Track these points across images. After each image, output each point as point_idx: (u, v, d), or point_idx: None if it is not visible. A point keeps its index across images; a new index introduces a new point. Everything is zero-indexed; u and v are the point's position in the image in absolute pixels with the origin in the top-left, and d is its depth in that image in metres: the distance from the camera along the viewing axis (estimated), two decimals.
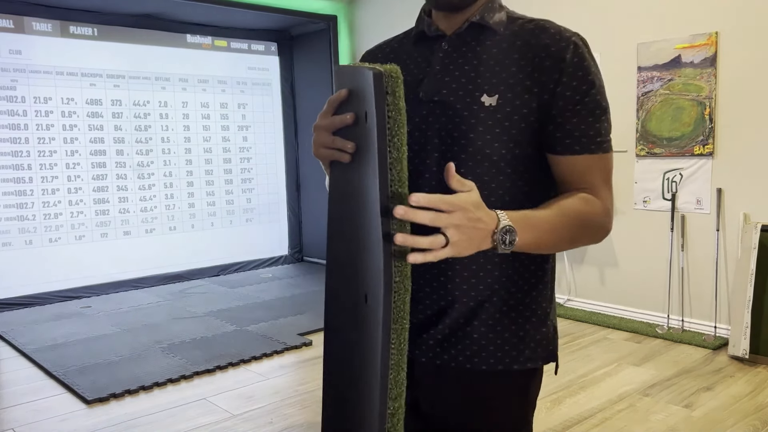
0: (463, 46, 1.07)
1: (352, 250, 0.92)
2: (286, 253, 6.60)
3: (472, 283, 1.06)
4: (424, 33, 1.12)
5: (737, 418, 2.82)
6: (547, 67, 1.01)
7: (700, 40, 3.82)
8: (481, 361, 1.07)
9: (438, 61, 1.07)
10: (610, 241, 4.37)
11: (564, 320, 4.34)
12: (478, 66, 1.04)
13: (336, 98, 0.91)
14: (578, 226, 0.99)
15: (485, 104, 1.02)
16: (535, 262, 1.09)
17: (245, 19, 5.83)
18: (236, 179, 6.26)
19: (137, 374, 3.41)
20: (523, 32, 1.05)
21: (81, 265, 5.29)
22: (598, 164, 1.04)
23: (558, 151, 1.03)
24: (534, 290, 1.10)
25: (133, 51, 5.53)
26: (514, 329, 1.08)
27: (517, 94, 1.01)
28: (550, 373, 1.19)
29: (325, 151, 0.94)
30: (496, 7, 1.08)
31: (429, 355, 1.09)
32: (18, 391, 3.28)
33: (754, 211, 3.69)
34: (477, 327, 1.07)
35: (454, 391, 1.10)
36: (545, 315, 1.12)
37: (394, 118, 0.82)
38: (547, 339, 1.12)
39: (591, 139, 1.02)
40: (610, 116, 1.06)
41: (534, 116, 1.02)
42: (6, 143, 4.91)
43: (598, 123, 1.03)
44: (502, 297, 1.07)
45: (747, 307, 3.51)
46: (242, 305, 4.86)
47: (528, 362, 1.09)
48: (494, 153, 1.02)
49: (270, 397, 3.16)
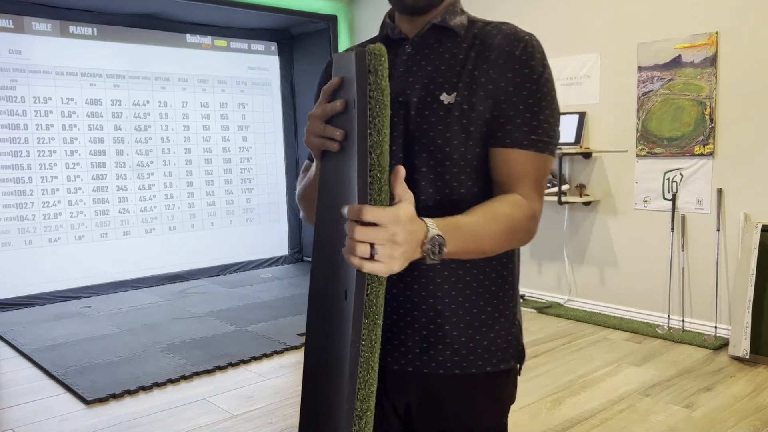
0: (425, 47, 1.10)
1: (335, 244, 0.89)
2: (286, 253, 6.60)
3: (439, 285, 1.06)
4: (388, 37, 1.14)
5: (738, 418, 2.81)
6: (501, 65, 1.04)
7: (700, 40, 3.81)
8: (454, 366, 1.08)
9: (402, 63, 1.10)
10: (611, 241, 4.37)
11: (564, 320, 4.34)
12: (439, 66, 1.07)
13: (329, 87, 0.92)
14: (505, 231, 0.98)
15: (444, 102, 1.04)
16: (501, 262, 1.10)
17: (245, 18, 5.83)
18: (236, 179, 6.26)
19: (137, 374, 3.40)
20: (482, 33, 1.08)
21: (81, 265, 5.29)
22: (532, 164, 1.03)
23: (492, 143, 1.04)
24: (501, 290, 1.11)
25: (133, 51, 5.53)
26: (485, 331, 1.09)
27: (473, 92, 1.03)
28: (549, 373, 1.18)
29: (315, 140, 0.94)
30: (457, 10, 1.11)
31: (401, 362, 1.09)
32: (18, 391, 3.27)
33: (754, 211, 3.68)
34: (448, 331, 1.07)
35: (427, 398, 1.10)
36: (513, 315, 1.13)
37: (376, 98, 0.79)
38: (517, 339, 1.14)
39: (525, 134, 1.02)
40: (556, 120, 1.05)
41: (489, 114, 1.04)
42: (6, 143, 4.91)
43: (536, 121, 1.03)
44: (470, 299, 1.08)
45: (747, 307, 3.50)
46: (242, 305, 4.85)
47: (501, 363, 1.10)
48: (454, 151, 1.03)
49: (270, 397, 3.15)
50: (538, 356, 3.59)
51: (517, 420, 2.83)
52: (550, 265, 4.75)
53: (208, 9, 5.36)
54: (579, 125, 4.41)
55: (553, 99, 1.05)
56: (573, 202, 4.45)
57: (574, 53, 4.45)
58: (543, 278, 4.80)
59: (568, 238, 4.62)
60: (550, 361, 3.52)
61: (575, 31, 4.44)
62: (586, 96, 4.41)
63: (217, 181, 6.12)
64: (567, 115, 4.47)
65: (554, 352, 3.67)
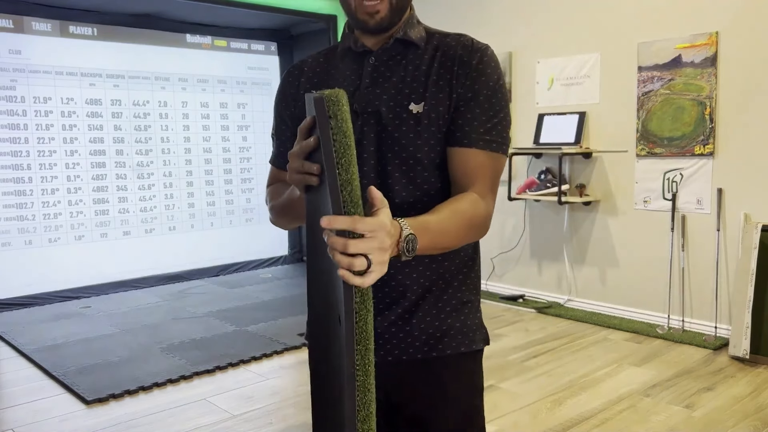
0: (389, 60, 1.17)
1: (326, 273, 0.95)
2: (285, 253, 6.60)
3: (414, 278, 1.16)
4: (350, 48, 1.20)
5: (738, 418, 2.81)
6: (460, 74, 1.13)
7: (700, 39, 3.81)
8: (430, 349, 1.17)
9: (367, 74, 1.16)
10: (611, 241, 4.37)
11: (564, 320, 4.33)
12: (405, 77, 1.15)
13: (304, 126, 0.95)
14: (465, 227, 1.07)
15: (413, 112, 1.12)
16: (467, 254, 1.21)
17: (245, 18, 5.83)
18: (236, 179, 6.26)
19: (137, 375, 3.40)
20: (442, 45, 1.16)
21: (81, 265, 5.28)
22: (488, 162, 1.12)
23: (450, 143, 1.13)
24: (468, 279, 1.22)
25: (133, 51, 5.53)
26: (455, 315, 1.19)
27: (439, 101, 1.12)
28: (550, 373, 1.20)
29: (295, 176, 0.97)
30: (414, 23, 1.18)
31: (380, 353, 1.15)
32: (17, 391, 3.27)
33: (754, 211, 3.68)
34: (422, 318, 1.16)
35: (405, 384, 1.18)
36: (478, 302, 1.26)
37: (340, 141, 0.84)
38: (482, 323, 1.26)
39: (480, 135, 1.11)
40: (508, 124, 1.16)
41: (451, 118, 1.13)
42: (5, 143, 4.91)
43: (490, 123, 1.12)
44: (441, 287, 1.18)
45: (747, 307, 3.50)
46: (242, 305, 4.85)
47: (473, 344, 1.21)
48: (424, 156, 1.12)
49: (270, 397, 3.15)
50: (538, 356, 3.59)
51: (518, 420, 2.83)
52: (550, 265, 4.75)
53: (208, 9, 5.35)
54: (579, 125, 4.41)
55: (506, 104, 1.15)
56: (573, 202, 4.45)
57: (574, 53, 4.44)
58: (543, 278, 4.80)
59: (568, 238, 4.62)
60: (551, 361, 3.52)
61: (575, 31, 4.44)
62: (586, 96, 4.41)
63: (216, 181, 6.12)
64: (567, 115, 4.47)
65: (554, 352, 3.66)
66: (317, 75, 1.23)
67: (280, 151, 1.29)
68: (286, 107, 1.26)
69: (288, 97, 1.25)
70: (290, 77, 1.26)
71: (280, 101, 1.27)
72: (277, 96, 1.28)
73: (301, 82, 1.24)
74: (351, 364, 0.86)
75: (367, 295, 0.85)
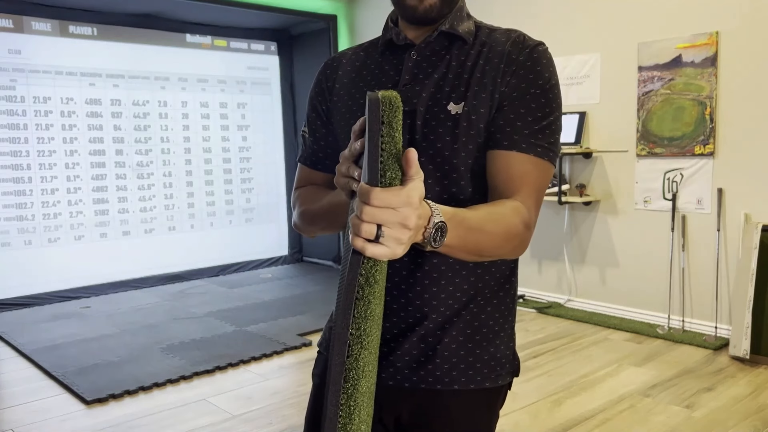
0: (432, 55, 1.06)
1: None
2: (285, 253, 6.59)
3: (442, 297, 1.04)
4: (392, 41, 1.10)
5: (738, 418, 2.81)
6: (506, 72, 1.01)
7: (700, 39, 3.81)
8: (452, 381, 1.05)
9: (408, 70, 1.06)
10: (611, 241, 4.37)
11: (564, 320, 4.33)
12: (447, 74, 1.04)
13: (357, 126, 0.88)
14: (502, 235, 0.93)
15: (451, 112, 1.01)
16: (504, 275, 1.08)
17: (245, 18, 5.82)
18: (236, 179, 6.26)
19: (136, 375, 3.40)
20: (490, 41, 1.05)
21: (80, 265, 5.28)
22: (532, 169, 0.99)
23: (491, 146, 1.01)
24: (502, 303, 1.08)
25: (133, 50, 5.53)
26: (485, 346, 1.06)
27: (481, 101, 1.01)
28: (550, 373, 1.18)
29: (341, 180, 0.91)
30: (464, 16, 1.08)
31: (397, 377, 1.06)
32: (17, 391, 3.27)
33: (754, 211, 3.68)
34: (448, 344, 1.04)
35: (420, 412, 1.07)
36: (512, 329, 1.11)
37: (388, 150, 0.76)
38: (514, 353, 1.12)
39: (524, 138, 0.99)
40: (557, 129, 1.02)
41: (492, 119, 1.01)
42: (5, 143, 4.91)
43: (537, 125, 1.00)
44: (472, 311, 1.05)
45: (748, 307, 3.50)
46: (242, 305, 4.85)
47: (499, 379, 1.08)
48: (461, 162, 1.01)
49: (269, 397, 3.15)
50: (538, 356, 3.58)
51: (518, 420, 2.82)
52: (551, 265, 4.74)
53: (208, 9, 5.35)
54: (579, 125, 4.41)
55: (558, 108, 1.02)
56: (573, 202, 4.44)
57: (574, 53, 4.44)
58: (543, 278, 4.80)
59: (568, 238, 4.61)
60: (551, 361, 3.51)
61: (575, 31, 4.43)
62: (587, 96, 4.41)
63: (216, 181, 6.11)
64: (567, 115, 4.47)
65: (555, 353, 3.66)
66: (355, 69, 1.14)
67: (313, 148, 1.17)
68: (322, 101, 1.16)
69: (324, 90, 1.16)
70: (328, 69, 1.17)
71: (316, 95, 1.17)
72: (313, 89, 1.18)
73: (338, 75, 1.15)
74: (335, 403, 0.74)
75: (371, 301, 0.76)
